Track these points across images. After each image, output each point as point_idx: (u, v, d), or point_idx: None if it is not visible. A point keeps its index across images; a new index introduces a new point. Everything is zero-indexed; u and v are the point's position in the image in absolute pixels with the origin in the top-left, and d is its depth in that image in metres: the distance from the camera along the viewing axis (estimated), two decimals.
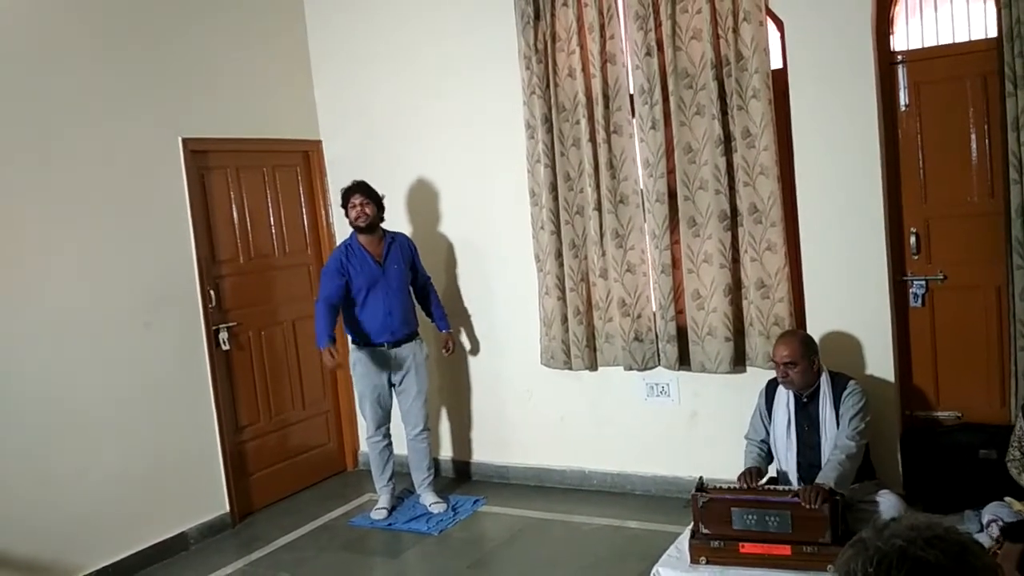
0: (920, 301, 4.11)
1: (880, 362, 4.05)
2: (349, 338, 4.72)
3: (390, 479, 4.75)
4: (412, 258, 4.73)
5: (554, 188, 4.68)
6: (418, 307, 4.84)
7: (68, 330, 4.07)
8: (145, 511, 4.32)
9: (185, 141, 4.64)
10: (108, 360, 4.23)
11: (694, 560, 3.62)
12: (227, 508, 4.74)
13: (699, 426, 4.52)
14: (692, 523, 3.71)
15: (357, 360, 4.67)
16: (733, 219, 4.28)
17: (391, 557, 4.32)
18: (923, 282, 4.10)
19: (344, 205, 4.60)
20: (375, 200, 4.59)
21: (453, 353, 4.93)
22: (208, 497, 4.66)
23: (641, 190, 4.50)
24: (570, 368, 4.75)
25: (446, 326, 4.84)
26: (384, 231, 4.67)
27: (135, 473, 4.29)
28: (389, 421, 4.75)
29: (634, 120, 4.48)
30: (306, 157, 5.49)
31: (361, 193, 4.55)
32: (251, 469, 4.99)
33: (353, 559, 4.28)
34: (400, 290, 4.61)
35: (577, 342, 4.70)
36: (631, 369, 4.58)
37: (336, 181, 5.44)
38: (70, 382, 4.06)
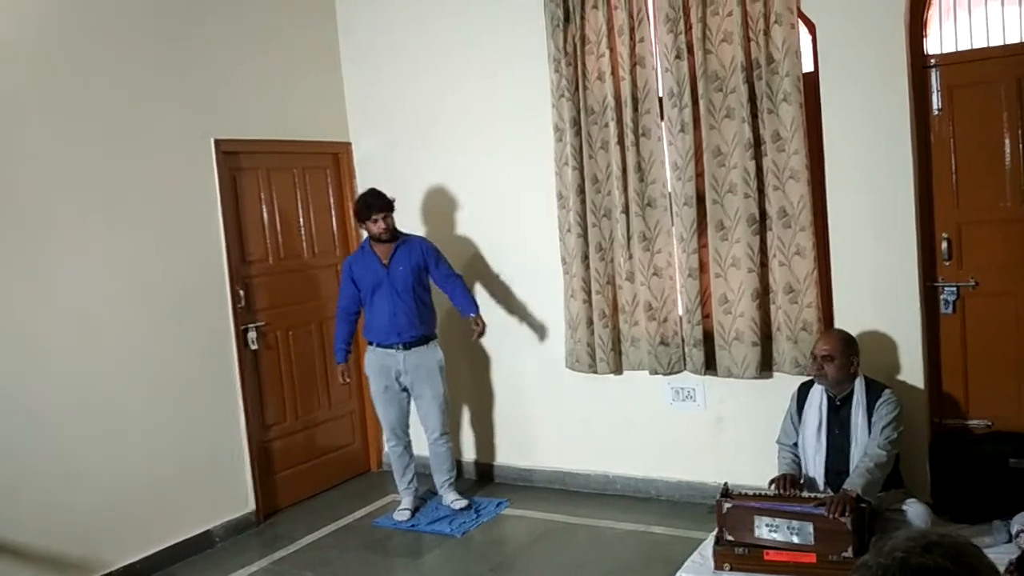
0: (951, 308, 4.05)
1: (910, 369, 4.00)
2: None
3: (411, 481, 4.77)
4: (423, 260, 4.64)
5: (582, 191, 4.67)
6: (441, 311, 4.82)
7: (99, 328, 4.13)
8: (171, 508, 4.36)
9: (217, 142, 4.69)
10: (137, 358, 4.28)
11: (718, 566, 3.60)
12: (252, 507, 4.77)
13: (725, 431, 4.48)
14: (716, 529, 3.69)
15: (369, 360, 4.72)
16: (762, 223, 4.25)
17: (414, 558, 4.32)
18: (954, 288, 4.04)
19: (363, 220, 4.61)
20: (392, 210, 4.61)
21: (482, 335, 4.69)
22: (234, 495, 4.70)
23: (669, 193, 4.48)
24: (595, 372, 4.74)
25: (470, 310, 4.66)
26: (399, 235, 4.68)
27: (162, 471, 4.34)
28: (405, 424, 4.75)
29: (663, 123, 4.46)
30: (336, 159, 5.53)
31: (384, 209, 4.56)
32: (276, 468, 5.03)
33: (376, 560, 4.30)
34: (405, 292, 4.59)
35: (602, 345, 4.68)
36: (656, 373, 4.56)
37: (365, 183, 5.46)
38: (100, 379, 4.12)
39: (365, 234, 4.75)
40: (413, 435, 4.79)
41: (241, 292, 4.83)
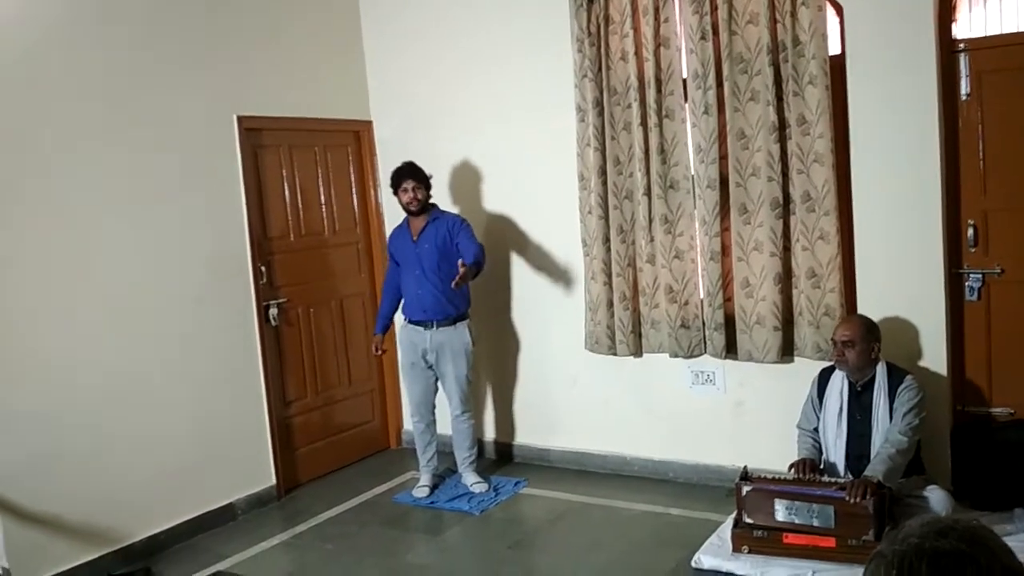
0: (976, 295, 4.02)
1: (933, 355, 3.98)
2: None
3: (431, 459, 4.80)
4: (448, 236, 4.57)
5: (603, 172, 4.65)
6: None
7: (123, 304, 4.17)
8: (194, 481, 4.42)
9: (240, 119, 4.70)
10: (161, 334, 4.32)
11: (736, 549, 3.62)
12: (274, 481, 4.83)
13: (744, 415, 4.48)
14: (735, 512, 3.71)
15: (400, 335, 4.79)
16: (785, 207, 4.23)
17: (433, 535, 4.36)
18: (979, 275, 4.01)
19: (395, 188, 4.63)
20: (425, 183, 4.62)
21: (458, 285, 4.29)
22: (256, 470, 4.75)
23: (692, 176, 4.46)
24: (614, 354, 4.74)
25: (468, 258, 4.35)
26: (433, 210, 4.68)
27: (186, 444, 4.39)
28: (430, 402, 4.77)
29: (687, 105, 4.43)
30: (357, 137, 5.53)
31: (412, 178, 4.58)
32: (297, 444, 5.08)
33: (395, 535, 4.34)
34: (431, 270, 4.58)
35: (623, 328, 4.68)
36: (676, 356, 4.55)
37: (386, 161, 5.48)
38: (124, 355, 4.16)
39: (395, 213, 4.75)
40: (438, 414, 4.82)
41: (263, 269, 4.85)
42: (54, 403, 3.87)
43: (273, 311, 4.91)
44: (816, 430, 3.92)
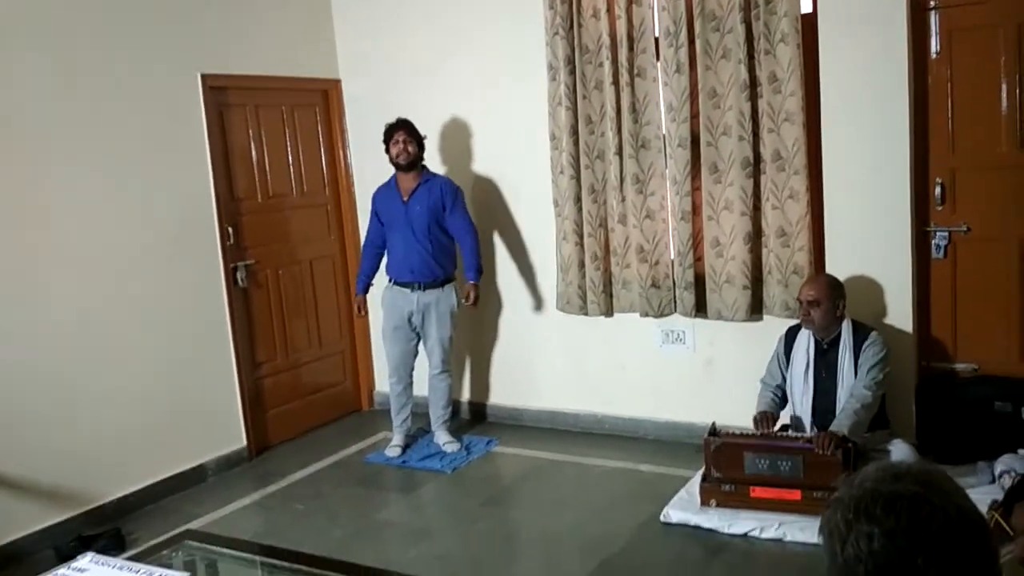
0: (942, 252, 4.07)
1: (899, 312, 4.03)
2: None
3: (405, 420, 4.80)
4: (441, 201, 4.59)
5: (575, 132, 4.63)
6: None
7: (91, 265, 4.10)
8: (165, 443, 4.39)
9: (204, 77, 4.61)
10: (129, 295, 4.27)
11: (704, 503, 3.68)
12: (244, 442, 4.81)
13: (714, 373, 4.52)
14: (704, 467, 3.76)
15: (384, 295, 4.73)
16: (756, 166, 4.24)
17: (405, 493, 4.38)
18: (946, 233, 4.06)
19: (387, 141, 4.58)
20: (417, 139, 4.57)
21: (473, 305, 4.72)
22: (226, 431, 4.73)
23: (663, 135, 4.45)
24: (586, 314, 4.76)
25: (471, 277, 4.66)
26: (424, 171, 4.64)
27: (155, 406, 4.35)
28: (410, 365, 4.76)
29: (658, 63, 4.41)
30: (325, 96, 5.45)
31: (405, 131, 4.54)
32: (268, 405, 5.05)
33: (368, 494, 4.35)
34: (421, 232, 4.55)
35: (594, 288, 4.69)
36: (647, 316, 4.58)
37: (355, 121, 5.43)
38: (93, 316, 4.10)
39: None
40: (415, 375, 4.81)
41: (230, 230, 4.79)
42: (18, 365, 3.81)
43: (241, 273, 4.85)
44: (779, 386, 3.97)
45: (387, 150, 4.60)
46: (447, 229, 4.65)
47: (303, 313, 5.31)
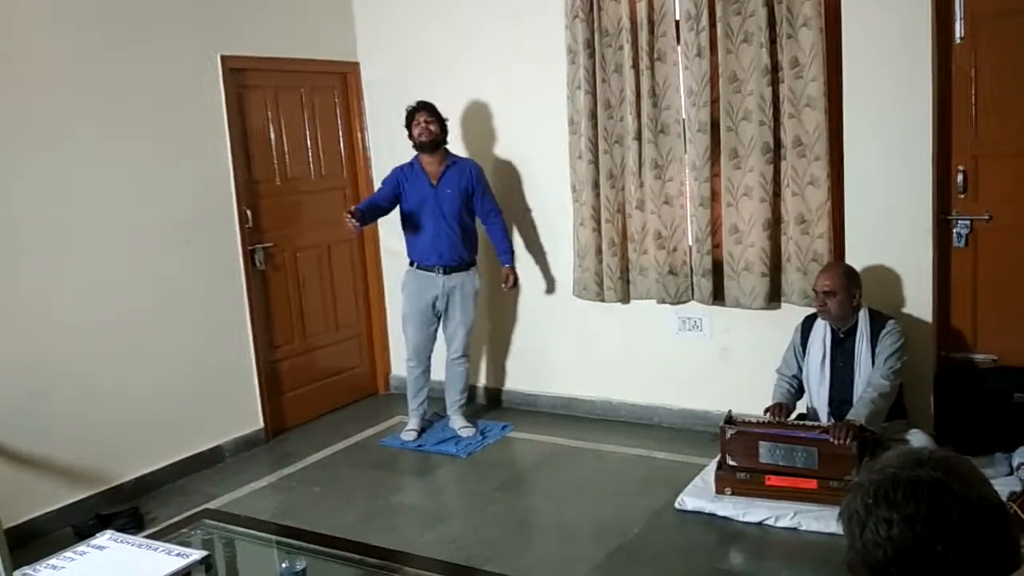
0: (963, 241, 4.02)
1: (918, 301, 3.99)
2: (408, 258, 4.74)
3: (422, 403, 4.81)
4: (472, 185, 4.60)
5: (594, 116, 4.60)
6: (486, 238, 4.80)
7: (109, 246, 4.12)
8: (182, 423, 4.43)
9: (224, 59, 4.61)
10: (149, 276, 4.29)
11: (719, 491, 3.67)
12: (261, 424, 4.84)
13: (730, 361, 4.50)
14: (719, 455, 3.75)
15: (406, 281, 4.72)
16: (776, 152, 4.20)
17: (421, 477, 4.40)
18: (968, 222, 4.01)
19: (408, 123, 4.56)
20: (439, 120, 4.56)
21: (513, 288, 4.79)
22: (243, 413, 4.76)
23: (683, 120, 4.42)
24: (602, 300, 4.74)
25: (507, 260, 4.72)
26: (448, 154, 4.63)
27: (173, 386, 4.38)
28: (429, 349, 4.77)
29: (679, 47, 4.37)
30: (343, 79, 5.44)
31: (427, 111, 4.53)
32: (285, 388, 5.08)
33: (384, 477, 4.37)
34: (451, 215, 4.55)
35: (611, 274, 4.68)
36: (664, 302, 4.56)
37: (373, 105, 5.42)
38: (113, 298, 4.13)
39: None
40: (432, 359, 4.82)
41: (248, 212, 4.80)
42: (39, 346, 3.84)
43: (259, 255, 4.87)
44: (795, 376, 3.95)
45: (409, 133, 4.58)
46: (474, 212, 4.65)
47: (320, 296, 5.33)
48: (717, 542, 3.46)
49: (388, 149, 5.13)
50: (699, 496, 3.69)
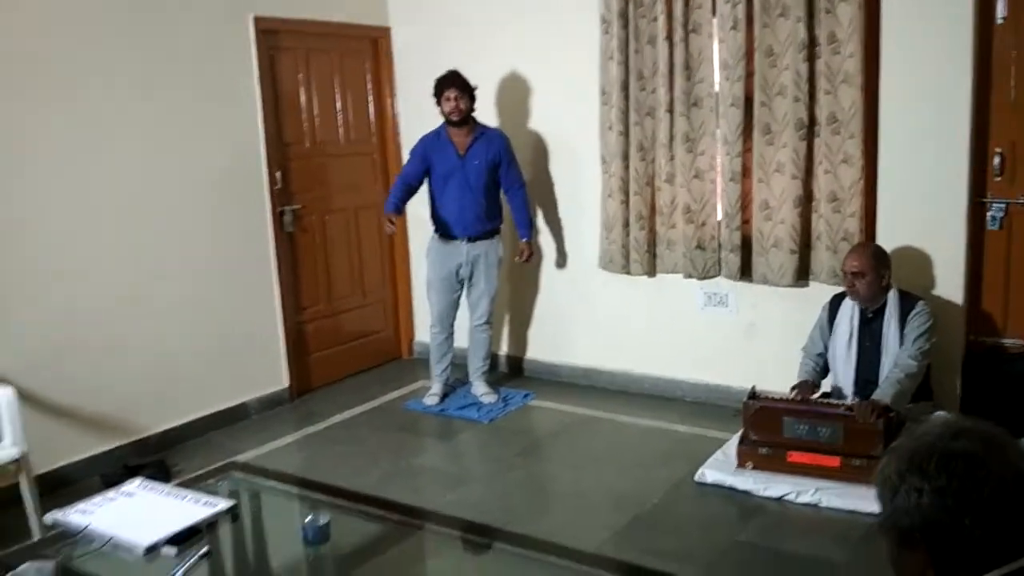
0: (998, 224, 3.97)
1: (949, 284, 3.96)
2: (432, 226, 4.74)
3: (445, 369, 4.85)
4: (499, 156, 4.59)
5: (625, 87, 4.57)
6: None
7: (141, 206, 4.17)
8: (209, 380, 4.49)
9: (257, 20, 4.62)
10: (179, 234, 4.34)
11: (741, 464, 3.67)
12: (286, 384, 4.90)
13: (756, 338, 4.49)
14: (741, 429, 3.75)
15: (431, 248, 4.73)
16: (810, 128, 4.16)
17: (442, 440, 4.44)
18: (1003, 205, 3.96)
19: (437, 97, 4.54)
20: (469, 93, 4.53)
21: (527, 262, 4.83)
22: (269, 372, 4.82)
23: (716, 93, 4.38)
24: (628, 273, 4.74)
25: (525, 234, 4.72)
26: (476, 124, 4.61)
27: (200, 343, 4.44)
28: (453, 315, 4.79)
29: (714, 19, 4.32)
30: (374, 44, 5.44)
31: (456, 87, 4.49)
32: (310, 349, 5.13)
33: (406, 439, 4.42)
34: (478, 186, 4.55)
35: (637, 247, 4.67)
36: (690, 277, 4.55)
37: (403, 70, 5.41)
38: (142, 254, 4.18)
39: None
40: (455, 326, 4.84)
41: (278, 174, 4.82)
42: (71, 302, 3.90)
43: (288, 217, 4.90)
44: (821, 355, 3.93)
45: (438, 103, 4.57)
46: (499, 182, 4.65)
47: (347, 260, 5.36)
48: (736, 515, 3.47)
49: (417, 116, 5.12)
50: (720, 469, 3.70)
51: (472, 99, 4.57)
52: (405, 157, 5.32)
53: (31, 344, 3.76)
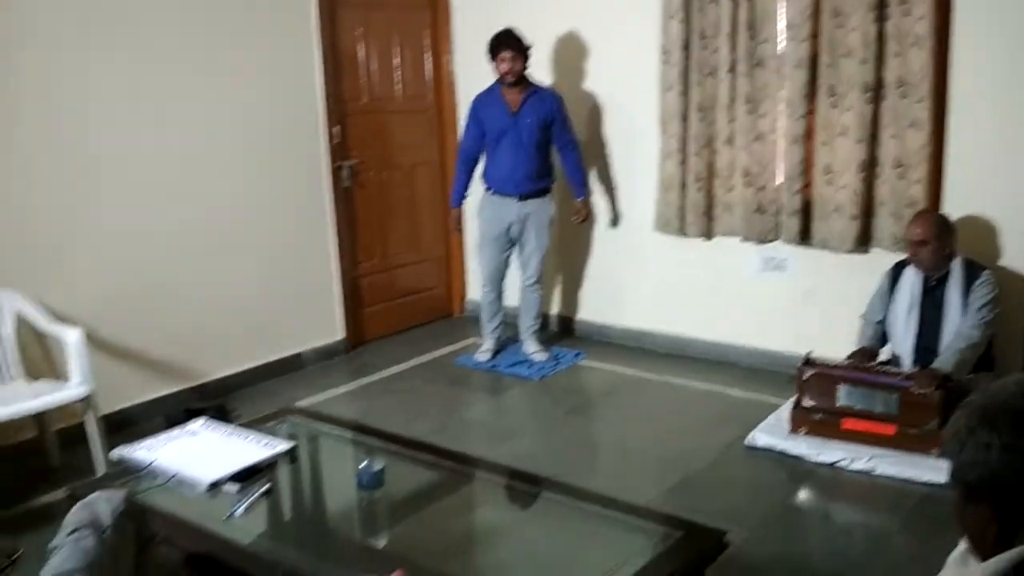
0: None
1: (1017, 254, 3.85)
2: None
3: (497, 327, 4.88)
4: (552, 115, 4.56)
5: (687, 46, 4.50)
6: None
7: (201, 157, 4.24)
8: (267, 330, 4.59)
9: None
10: (238, 187, 4.41)
11: (794, 430, 3.65)
12: (341, 336, 4.99)
13: (813, 304, 4.43)
14: (795, 395, 3.72)
15: (482, 206, 4.74)
16: (877, 91, 4.05)
17: (493, 395, 4.49)
18: None
19: (492, 56, 4.50)
20: (524, 54, 4.49)
21: (583, 223, 4.84)
22: (325, 323, 4.91)
23: (781, 54, 4.29)
24: (684, 235, 4.70)
25: (580, 193, 4.71)
26: (529, 83, 4.58)
27: (259, 294, 4.53)
28: (503, 274, 4.80)
29: None
30: (432, 1, 5.42)
31: (511, 48, 4.45)
32: (365, 302, 5.20)
33: (457, 392, 4.47)
34: (530, 144, 4.53)
35: (694, 209, 4.62)
36: (748, 240, 4.49)
37: (461, 27, 5.38)
38: (203, 204, 4.26)
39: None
40: (505, 285, 4.86)
41: (336, 129, 4.86)
42: (137, 254, 4.01)
43: (345, 172, 4.94)
44: (880, 322, 3.87)
45: (493, 62, 4.54)
46: (552, 141, 4.63)
47: (403, 217, 5.40)
48: (787, 479, 3.46)
49: (473, 74, 5.09)
50: (771, 434, 3.68)
51: (526, 59, 4.53)
52: (461, 114, 5.34)
53: (99, 289, 3.88)
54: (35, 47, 3.61)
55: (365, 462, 2.46)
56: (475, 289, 5.36)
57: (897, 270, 3.85)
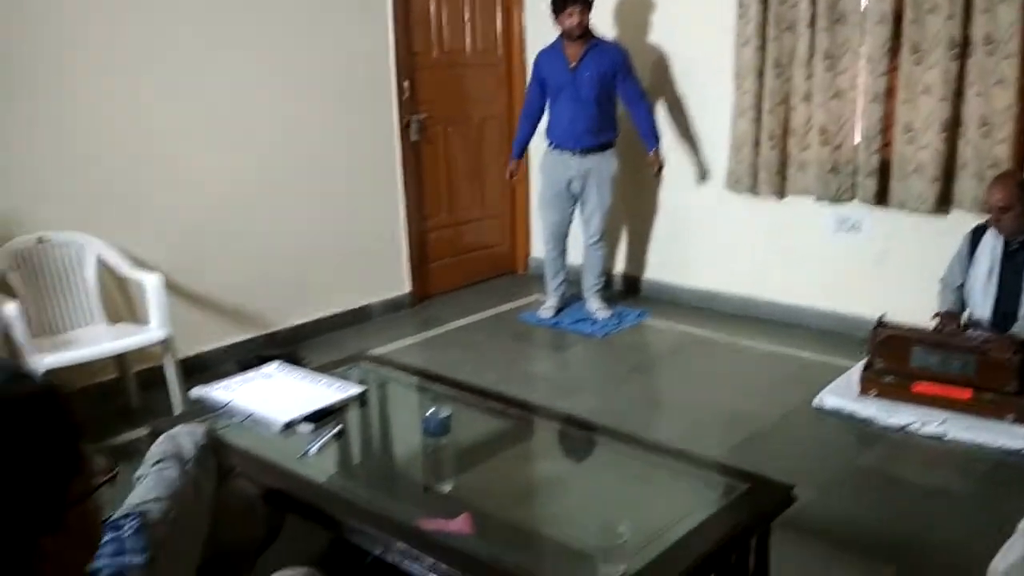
0: None
1: None
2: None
3: (560, 284, 4.88)
4: (612, 69, 4.48)
5: (765, 0, 4.39)
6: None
7: (278, 109, 4.29)
8: (335, 282, 4.67)
9: None
10: (313, 141, 4.46)
11: (864, 391, 3.59)
12: (407, 289, 5.06)
13: (888, 266, 4.32)
14: (867, 357, 3.65)
15: (544, 162, 4.72)
16: (963, 48, 3.90)
17: (556, 351, 4.51)
18: None
19: (558, 11, 4.44)
20: (589, 7, 4.42)
21: (659, 172, 4.74)
22: (392, 277, 4.98)
23: (863, 10, 4.15)
24: (756, 194, 4.62)
25: (652, 145, 4.61)
26: (592, 36, 4.51)
27: (330, 246, 4.61)
28: (566, 231, 4.79)
29: None
30: None
31: (579, 2, 4.37)
32: (431, 257, 5.25)
33: (521, 347, 4.50)
34: (588, 99, 4.47)
35: (768, 167, 4.53)
36: (822, 200, 4.40)
37: None
38: (276, 156, 4.33)
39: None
40: (568, 243, 4.85)
41: (406, 84, 4.87)
42: (213, 197, 4.10)
43: (414, 126, 4.96)
44: (961, 287, 3.76)
45: (557, 18, 4.47)
46: (618, 95, 4.57)
47: (470, 172, 5.41)
48: (855, 441, 3.41)
49: (544, 28, 5.03)
50: (840, 395, 3.62)
51: (590, 10, 4.46)
52: (531, 70, 5.30)
53: (177, 236, 3.98)
54: None
55: (432, 409, 2.49)
56: (539, 247, 5.35)
57: (977, 233, 3.73)
